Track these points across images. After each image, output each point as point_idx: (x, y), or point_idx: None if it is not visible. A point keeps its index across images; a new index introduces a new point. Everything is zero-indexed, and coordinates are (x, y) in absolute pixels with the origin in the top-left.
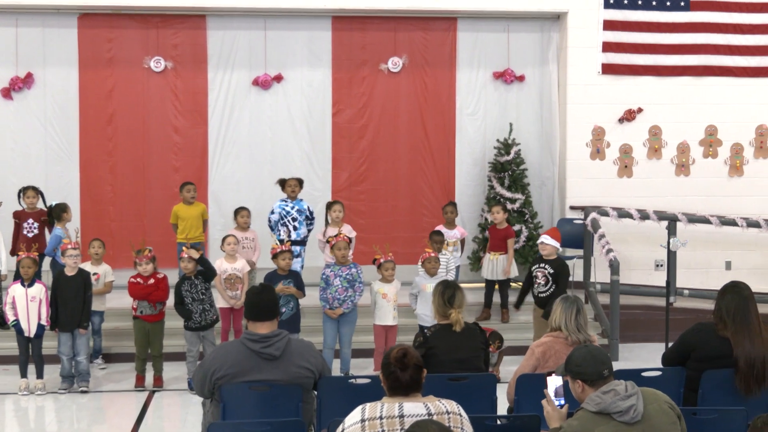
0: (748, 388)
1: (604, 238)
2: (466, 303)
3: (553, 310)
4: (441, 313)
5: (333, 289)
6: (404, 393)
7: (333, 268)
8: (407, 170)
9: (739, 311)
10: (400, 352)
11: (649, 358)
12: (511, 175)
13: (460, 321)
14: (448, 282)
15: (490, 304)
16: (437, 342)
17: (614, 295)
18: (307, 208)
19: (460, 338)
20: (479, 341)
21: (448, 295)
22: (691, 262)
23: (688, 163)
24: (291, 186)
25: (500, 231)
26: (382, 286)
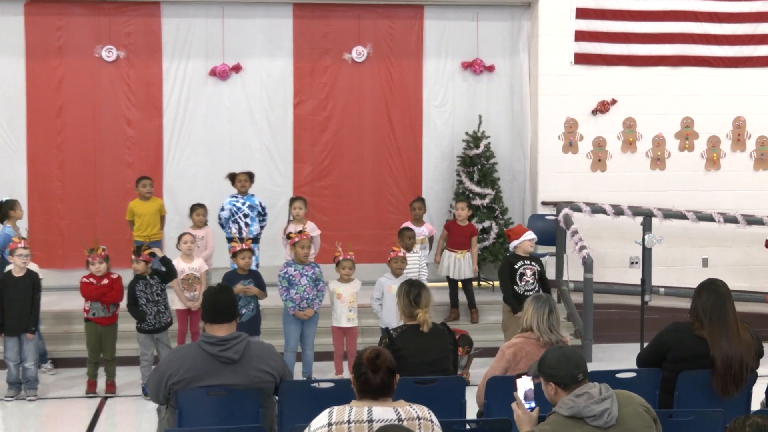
0: (726, 389)
1: (577, 235)
2: (432, 302)
3: (525, 310)
4: (407, 314)
5: (300, 289)
6: (374, 396)
7: (296, 266)
8: (372, 164)
9: (716, 310)
10: (373, 353)
11: (624, 358)
12: (481, 169)
13: (428, 321)
14: (413, 281)
15: (456, 303)
16: (404, 343)
17: (587, 294)
18: (259, 203)
19: (428, 339)
20: (448, 342)
21: (414, 294)
22: (667, 259)
23: (663, 157)
24: (241, 181)
25: (465, 228)
26: (338, 286)
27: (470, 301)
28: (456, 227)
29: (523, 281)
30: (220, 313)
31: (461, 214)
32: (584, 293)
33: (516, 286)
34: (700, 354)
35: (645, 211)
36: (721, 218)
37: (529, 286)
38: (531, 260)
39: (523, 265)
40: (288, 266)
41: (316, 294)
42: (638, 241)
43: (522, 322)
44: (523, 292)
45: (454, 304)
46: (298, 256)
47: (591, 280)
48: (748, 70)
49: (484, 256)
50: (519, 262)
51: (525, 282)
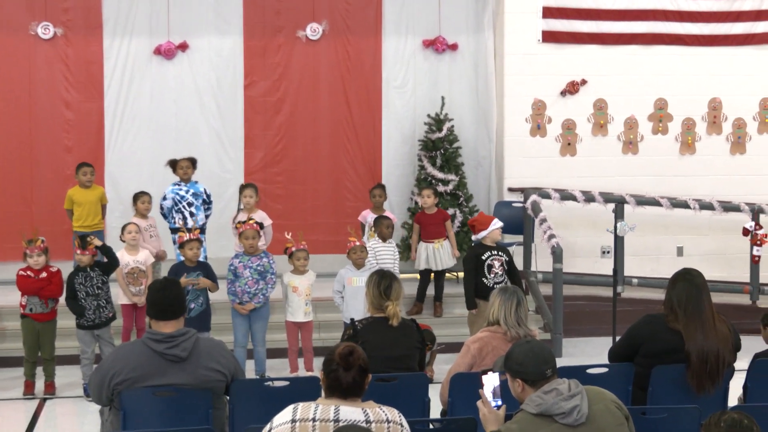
0: (701, 385)
1: (545, 223)
2: (403, 295)
3: (491, 302)
4: (376, 306)
5: (242, 282)
6: (343, 395)
7: (242, 258)
8: (329, 149)
9: (691, 301)
10: (347, 349)
11: (595, 353)
12: (444, 154)
13: (398, 315)
14: (384, 271)
15: (423, 297)
16: (369, 336)
17: (557, 285)
18: (204, 191)
19: (395, 334)
20: (415, 339)
21: (385, 285)
22: (640, 248)
23: (636, 140)
24: (183, 167)
25: (435, 216)
26: (293, 278)
27: (437, 294)
28: (426, 217)
29: (492, 273)
30: (166, 308)
31: (428, 201)
32: (553, 284)
33: (484, 279)
34: (675, 348)
35: (617, 198)
36: (697, 205)
37: (498, 278)
38: (499, 250)
39: (491, 255)
40: (235, 257)
41: (259, 288)
42: (610, 230)
43: (488, 315)
44: (492, 285)
45: (420, 298)
46: (244, 246)
47: (560, 270)
48: (724, 48)
49: None
50: (486, 253)
51: (494, 274)
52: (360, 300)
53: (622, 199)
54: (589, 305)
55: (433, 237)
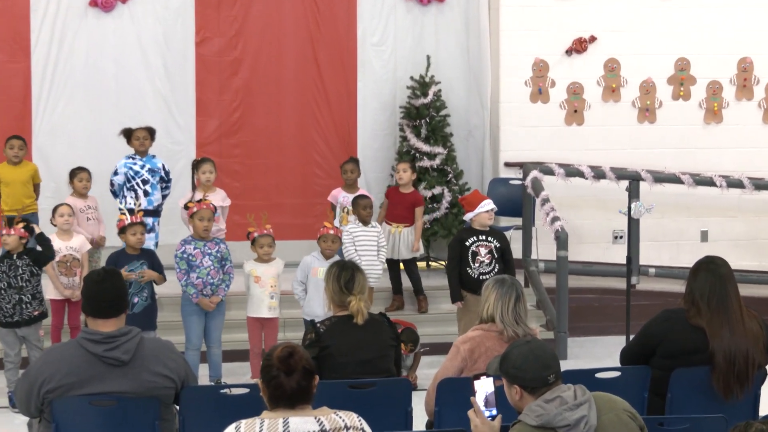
0: (728, 389)
1: (548, 204)
2: (369, 288)
3: (485, 296)
4: (337, 302)
5: (203, 272)
6: (289, 404)
7: (197, 244)
8: (295, 117)
9: (715, 293)
10: (285, 351)
11: (605, 354)
12: (430, 123)
13: (363, 311)
14: (345, 262)
15: (400, 289)
16: (334, 339)
17: (561, 276)
18: (162, 166)
19: (363, 333)
20: (388, 337)
21: (346, 278)
22: (658, 232)
23: (653, 107)
24: (139, 138)
25: (406, 196)
26: (256, 267)
27: (416, 286)
28: (396, 195)
29: (477, 262)
30: (105, 304)
31: (403, 177)
32: (557, 275)
33: (469, 269)
34: (697, 347)
35: (631, 174)
36: (724, 182)
37: (485, 268)
38: (489, 235)
39: (476, 241)
40: (186, 244)
41: (222, 278)
42: (623, 211)
43: (481, 311)
44: (478, 276)
45: (397, 290)
46: (197, 230)
47: (565, 258)
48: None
49: (434, 230)
50: (471, 238)
51: (479, 263)
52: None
53: (638, 175)
54: (599, 299)
55: (397, 220)
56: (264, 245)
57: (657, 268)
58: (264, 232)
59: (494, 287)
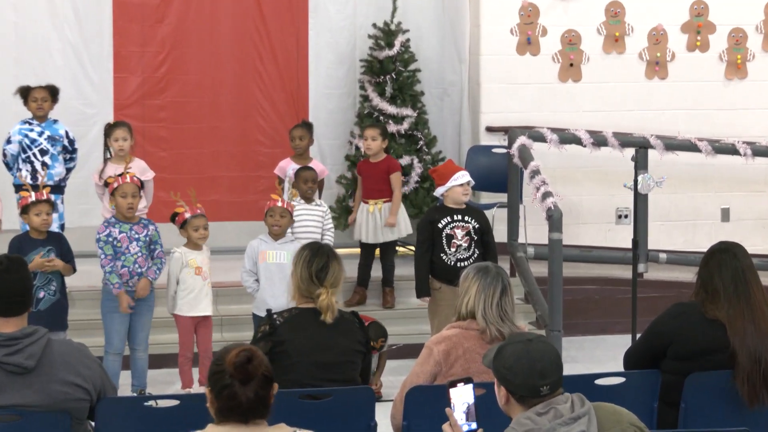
0: (754, 395)
1: (538, 176)
2: (343, 281)
3: (464, 287)
4: (303, 293)
5: (130, 260)
6: (243, 419)
7: (122, 226)
8: (233, 73)
9: (735, 283)
10: (243, 356)
11: (607, 357)
12: (396, 79)
13: (333, 308)
14: (320, 245)
15: (366, 281)
16: (291, 334)
17: (555, 263)
18: (65, 133)
19: (328, 333)
20: (357, 341)
21: (318, 265)
22: (671, 210)
23: (664, 60)
24: (37, 99)
25: (378, 164)
26: (191, 255)
27: (386, 276)
28: (367, 166)
29: (453, 246)
30: (8, 299)
31: (372, 146)
32: (549, 262)
33: (443, 254)
34: (716, 346)
35: (638, 140)
36: (749, 150)
37: (462, 253)
38: (466, 214)
39: (451, 222)
40: (110, 225)
41: (150, 265)
42: (628, 185)
43: (459, 305)
44: (455, 263)
45: (362, 281)
46: (120, 209)
47: (559, 242)
48: None
49: None
50: (445, 218)
51: (456, 247)
52: (277, 284)
53: (646, 142)
54: (600, 291)
55: (373, 195)
56: (199, 227)
57: (669, 254)
58: (197, 212)
59: (476, 277)
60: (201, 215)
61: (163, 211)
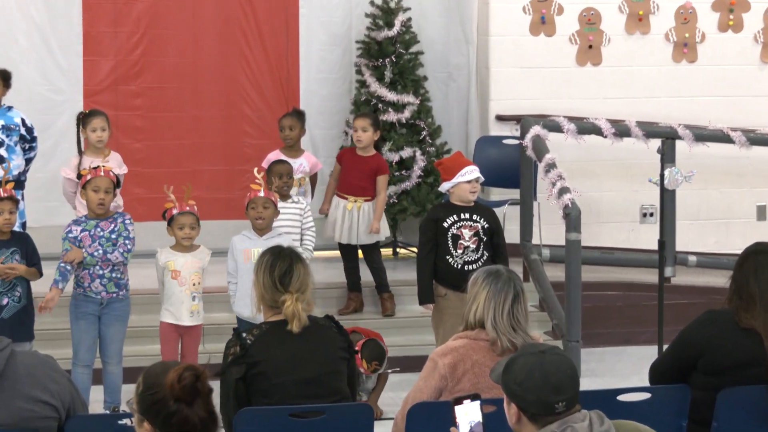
0: None
1: (554, 170)
2: (313, 284)
3: (472, 293)
4: (268, 302)
5: (91, 260)
6: None
7: (86, 223)
8: (216, 56)
9: None
10: (189, 377)
11: (631, 370)
12: (396, 62)
13: (300, 315)
14: (281, 248)
15: (357, 284)
16: (266, 354)
17: (572, 267)
18: (22, 121)
19: (305, 344)
20: (336, 346)
21: (281, 269)
22: (701, 208)
23: (693, 41)
24: None
25: (366, 160)
26: (173, 258)
27: (378, 281)
28: (352, 158)
29: (460, 248)
30: None
31: (363, 138)
32: (566, 265)
33: (449, 257)
34: (751, 358)
35: (665, 131)
36: None
37: (470, 255)
38: (474, 213)
39: (457, 221)
40: (76, 224)
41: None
42: (654, 180)
43: (467, 313)
44: (462, 266)
45: (353, 286)
46: (91, 203)
47: (578, 243)
48: None
49: (403, 205)
50: (451, 217)
51: (463, 249)
52: None
53: (673, 132)
54: (623, 297)
55: (353, 192)
56: (185, 226)
57: (699, 256)
58: (186, 209)
59: (485, 282)
60: (189, 213)
61: (138, 209)
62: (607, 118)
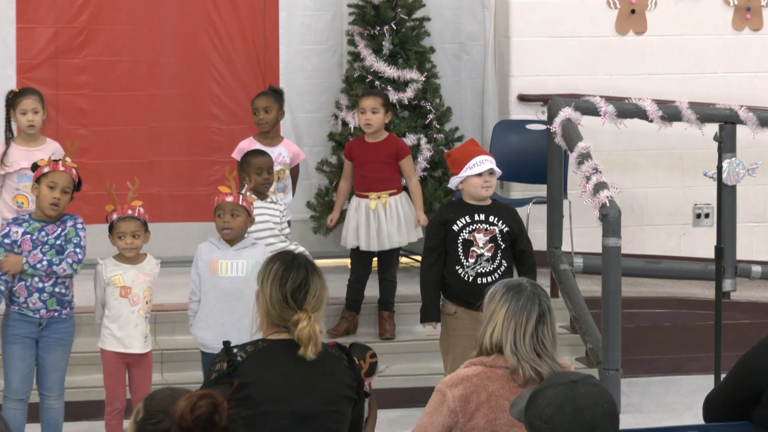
0: None
1: (589, 162)
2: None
3: (488, 312)
4: (275, 320)
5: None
6: None
7: (30, 225)
8: (178, 23)
9: None
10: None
11: (682, 404)
12: (397, 31)
13: (317, 339)
14: (294, 256)
15: (358, 303)
16: (259, 375)
17: (611, 279)
18: None
19: (308, 373)
20: (345, 383)
21: (295, 282)
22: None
23: (758, 5)
24: None
25: (380, 146)
26: (119, 271)
27: (385, 297)
28: (363, 148)
29: (472, 256)
30: None
31: (373, 120)
32: (603, 277)
33: (459, 267)
34: None
35: (723, 113)
36: None
37: (485, 266)
38: (491, 213)
39: (470, 224)
40: (16, 224)
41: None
42: (710, 173)
43: (481, 335)
44: (475, 278)
45: (353, 305)
46: (43, 201)
47: (618, 250)
48: None
49: None
50: (462, 219)
51: (475, 257)
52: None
53: (733, 115)
54: (672, 316)
55: (375, 187)
56: (125, 235)
57: (765, 266)
58: (128, 213)
59: (504, 298)
60: (132, 218)
61: (83, 209)
62: (653, 98)
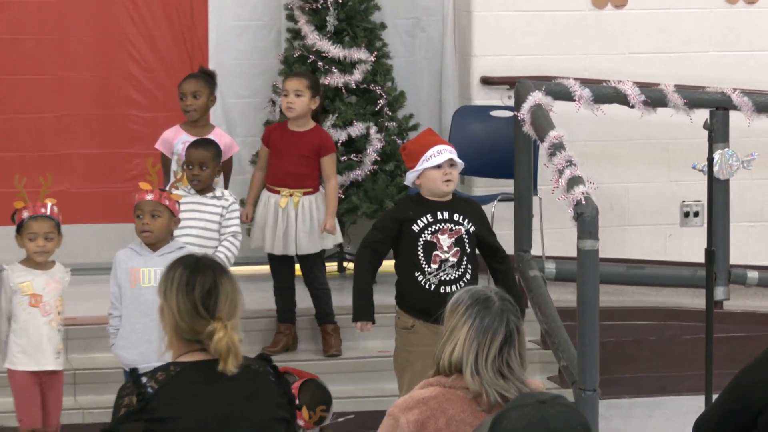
0: None
1: (562, 153)
2: (243, 305)
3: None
4: (185, 335)
5: None
6: None
7: None
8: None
9: None
10: None
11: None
12: (343, 5)
13: (236, 349)
14: (197, 258)
15: (291, 313)
16: (175, 408)
17: (588, 287)
18: None
19: (232, 399)
20: (275, 402)
21: (203, 288)
22: (765, 205)
23: None
24: None
25: (303, 137)
26: (30, 277)
27: (321, 308)
28: (284, 137)
29: (435, 261)
30: None
31: (295, 104)
32: (579, 286)
33: (419, 273)
34: None
35: (713, 98)
36: None
37: (449, 272)
38: (456, 211)
39: (433, 224)
40: None
41: None
42: (699, 166)
43: (440, 352)
44: (438, 286)
45: (286, 316)
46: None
47: (595, 254)
48: None
49: (352, 203)
50: (424, 218)
51: (439, 262)
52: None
53: (726, 100)
54: (657, 328)
55: (288, 182)
56: (37, 236)
57: (762, 271)
58: (41, 211)
59: (468, 314)
60: (45, 217)
61: None
62: (635, 81)
